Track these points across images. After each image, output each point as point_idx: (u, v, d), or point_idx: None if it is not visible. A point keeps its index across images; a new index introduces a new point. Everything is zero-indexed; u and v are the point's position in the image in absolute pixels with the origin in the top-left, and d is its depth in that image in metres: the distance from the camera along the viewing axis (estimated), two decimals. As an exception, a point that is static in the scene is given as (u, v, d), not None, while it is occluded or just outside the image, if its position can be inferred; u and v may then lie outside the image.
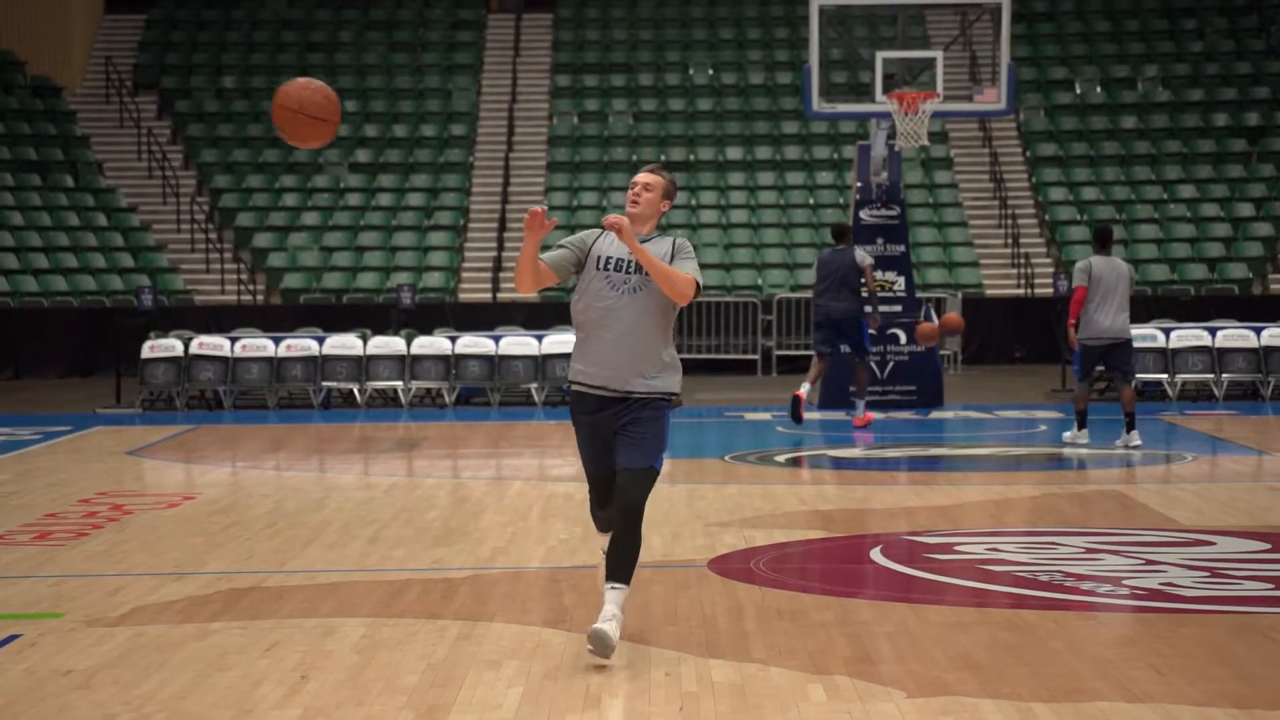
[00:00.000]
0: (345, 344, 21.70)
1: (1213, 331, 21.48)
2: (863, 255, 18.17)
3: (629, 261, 7.30)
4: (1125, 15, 36.40)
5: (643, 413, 7.27)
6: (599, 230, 7.43)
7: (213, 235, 30.89)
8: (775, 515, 11.36)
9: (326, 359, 21.52)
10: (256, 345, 21.62)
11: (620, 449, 7.27)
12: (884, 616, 8.07)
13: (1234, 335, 21.39)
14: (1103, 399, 21.64)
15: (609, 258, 7.34)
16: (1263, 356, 21.20)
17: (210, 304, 28.93)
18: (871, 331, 18.67)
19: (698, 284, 7.21)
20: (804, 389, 17.83)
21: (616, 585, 7.18)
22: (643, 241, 7.30)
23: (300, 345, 21.64)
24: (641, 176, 7.44)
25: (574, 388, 7.41)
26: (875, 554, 9.86)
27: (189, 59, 35.61)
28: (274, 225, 31.30)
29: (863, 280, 18.11)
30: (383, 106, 34.49)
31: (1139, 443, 15.62)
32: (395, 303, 25.88)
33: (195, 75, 35.13)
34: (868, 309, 18.19)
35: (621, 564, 7.20)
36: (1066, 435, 16.20)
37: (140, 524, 11.39)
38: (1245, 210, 31.52)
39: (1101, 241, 15.74)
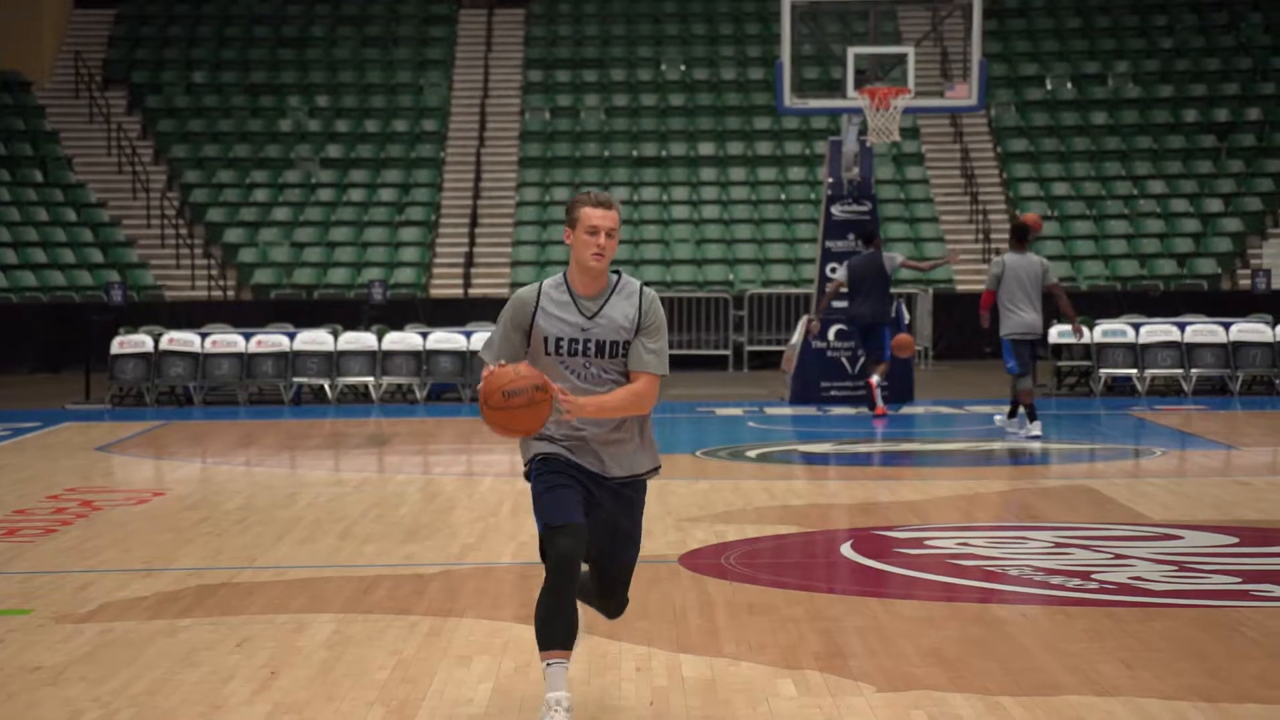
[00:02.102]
0: (316, 340, 21.65)
1: (1182, 326, 21.57)
2: (890, 258, 18.53)
3: (585, 343, 5.97)
4: (1096, 11, 36.50)
5: (626, 494, 6.11)
6: (532, 293, 6.05)
7: (183, 231, 30.79)
8: (746, 510, 11.37)
9: (297, 355, 21.47)
10: (227, 341, 21.56)
11: (610, 538, 6.11)
12: (854, 611, 8.08)
13: (1203, 330, 21.47)
14: (1073, 394, 21.71)
15: (560, 338, 5.98)
16: (1231, 351, 21.29)
17: (180, 300, 28.82)
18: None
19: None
20: (875, 379, 18.24)
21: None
22: (601, 294, 6.01)
23: (271, 341, 21.58)
24: (604, 220, 5.96)
25: (545, 456, 6.07)
26: (846, 549, 9.87)
27: (159, 54, 35.47)
28: (245, 221, 31.21)
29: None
30: (354, 102, 34.41)
31: (1038, 433, 16.03)
32: (366, 298, 25.85)
33: (165, 70, 34.99)
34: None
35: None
36: (1023, 431, 16.25)
37: (109, 520, 11.35)
38: (1214, 206, 31.65)
39: (1018, 237, 16.15)
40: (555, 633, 5.88)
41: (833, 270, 19.69)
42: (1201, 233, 31.02)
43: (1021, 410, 16.28)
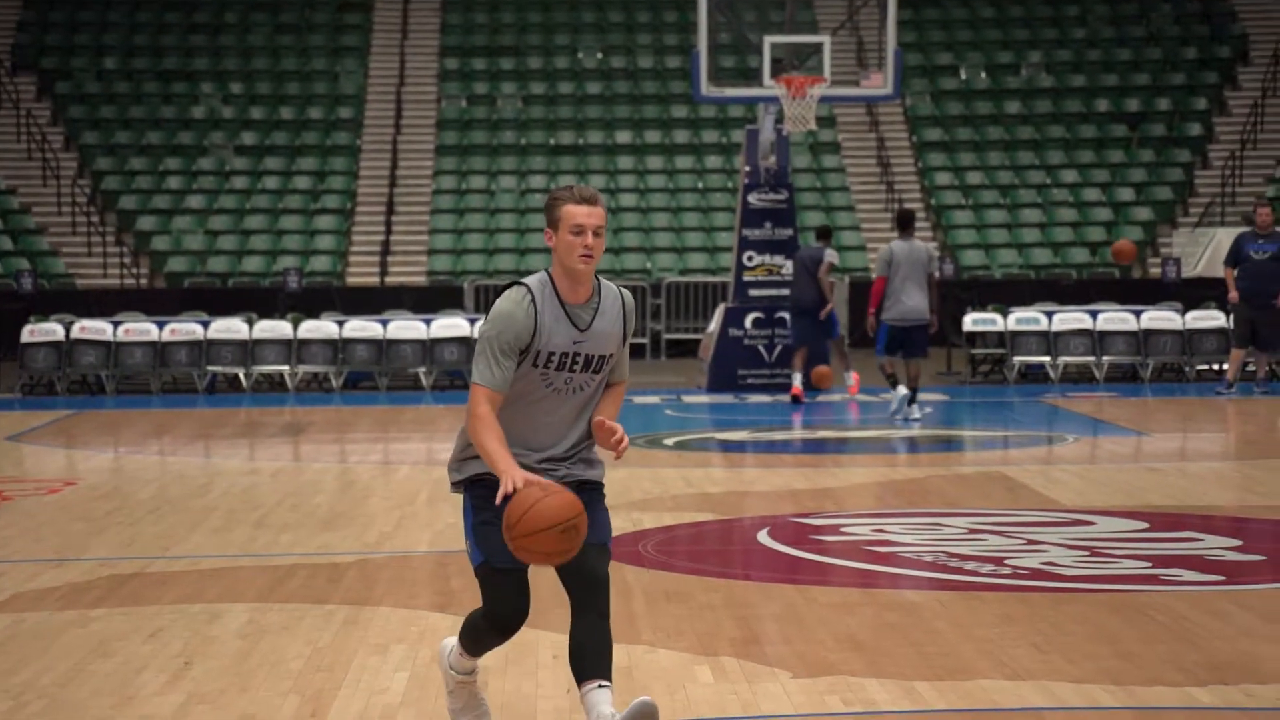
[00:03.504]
0: (230, 328, 21.48)
1: (1094, 314, 21.79)
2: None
3: (575, 356, 5.44)
4: (1009, 2, 36.77)
5: (578, 474, 5.59)
6: (525, 308, 5.39)
7: (95, 218, 30.44)
8: (663, 498, 11.39)
9: (211, 343, 21.30)
10: (140, 329, 21.36)
11: None
12: (771, 598, 8.12)
13: (1114, 318, 21.71)
14: (988, 381, 21.89)
15: (552, 353, 5.42)
16: (1142, 339, 21.53)
17: (92, 288, 28.51)
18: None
19: None
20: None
21: (605, 684, 5.38)
22: (590, 303, 5.49)
23: (184, 329, 21.40)
24: (590, 217, 5.40)
25: (475, 479, 5.54)
26: (762, 536, 9.91)
27: (69, 39, 35.02)
28: (158, 208, 30.91)
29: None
30: (268, 89, 34.14)
31: (919, 416, 16.52)
32: (282, 286, 25.67)
33: (76, 56, 34.56)
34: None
35: (605, 655, 5.43)
36: (906, 412, 16.66)
37: (20, 510, 11.22)
38: (1126, 195, 31.99)
39: (903, 225, 16.88)
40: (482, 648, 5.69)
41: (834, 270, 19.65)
42: (1113, 221, 31.34)
43: (907, 396, 16.72)
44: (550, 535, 5.14)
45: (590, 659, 5.35)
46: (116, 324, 21.43)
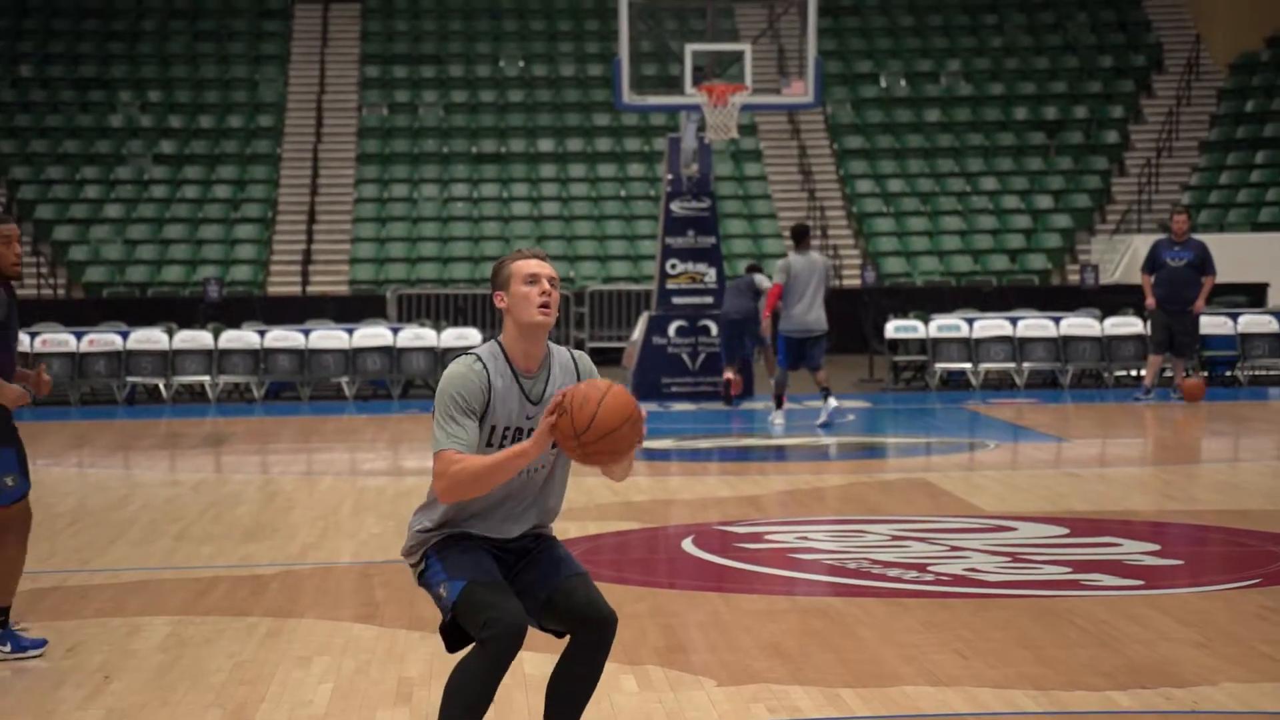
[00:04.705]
0: (150, 338, 21.30)
1: (1014, 321, 21.96)
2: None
3: (526, 432, 5.10)
4: (928, 10, 37.05)
5: (546, 544, 5.32)
6: (478, 374, 5.03)
7: (11, 228, 30.11)
8: (588, 507, 11.38)
9: (131, 354, 21.11)
10: (57, 340, 21.14)
11: (546, 567, 5.22)
12: (696, 606, 8.13)
13: (1034, 325, 21.88)
14: (910, 388, 22.02)
15: (507, 428, 5.08)
16: (1061, 346, 21.72)
17: (9, 298, 28.18)
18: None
19: None
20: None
21: None
22: (541, 371, 5.16)
23: (103, 340, 21.20)
24: (543, 267, 5.11)
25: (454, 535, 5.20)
26: (687, 544, 9.93)
27: (-15, 47, 34.67)
28: (75, 218, 30.62)
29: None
30: (187, 97, 33.88)
31: (834, 405, 16.81)
32: (202, 296, 25.47)
33: (-9, 63, 34.21)
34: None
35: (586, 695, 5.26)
36: (772, 416, 17.14)
37: (-64, 525, 11.07)
38: (1045, 202, 32.28)
39: (798, 239, 17.10)
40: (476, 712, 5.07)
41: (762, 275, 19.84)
42: (1032, 229, 31.63)
43: (822, 396, 17.11)
44: (625, 430, 4.86)
45: (578, 706, 5.22)
46: (34, 335, 21.19)
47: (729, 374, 19.57)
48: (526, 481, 5.14)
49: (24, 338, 21.07)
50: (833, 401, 17.07)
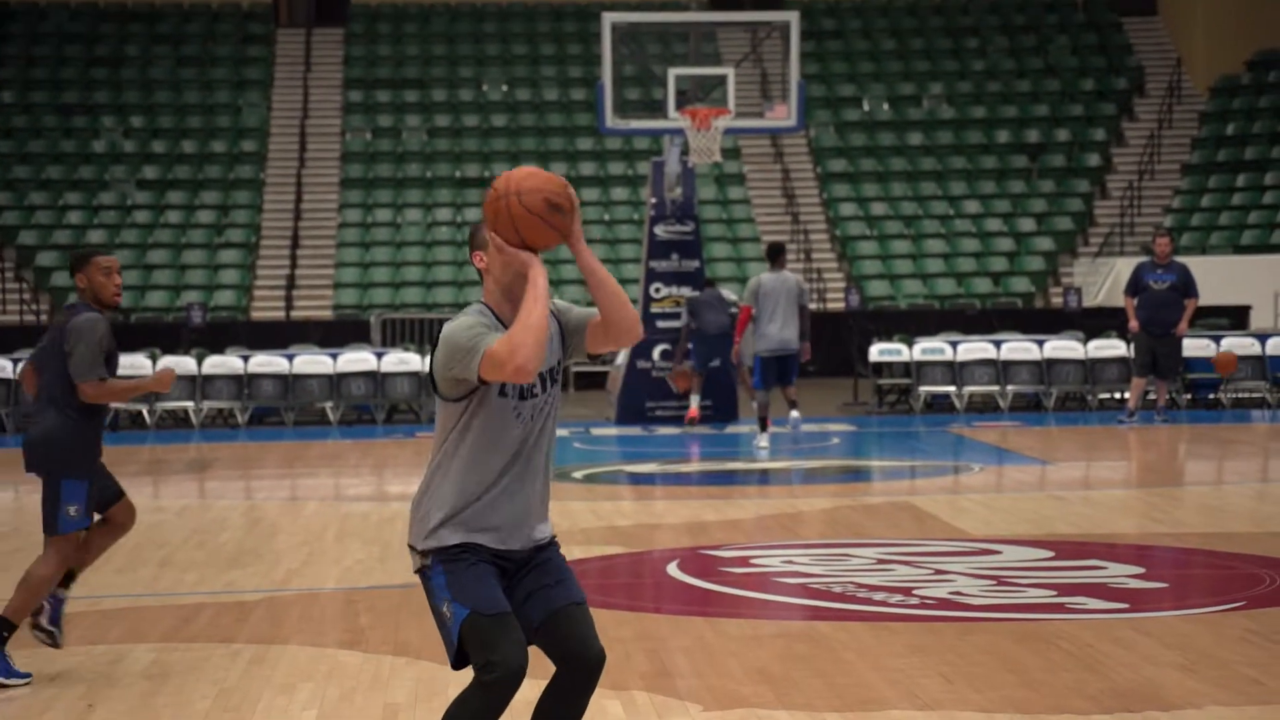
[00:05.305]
0: (133, 364, 21.20)
1: (998, 344, 22.00)
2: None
3: (542, 373, 4.99)
4: (910, 34, 37.16)
5: (549, 553, 5.17)
6: (485, 319, 4.95)
7: (-6, 253, 30.07)
8: (572, 532, 11.37)
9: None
10: (40, 366, 21.06)
11: (548, 582, 5.09)
12: (681, 631, 8.12)
13: (1018, 348, 21.92)
14: (894, 411, 22.04)
15: None
16: (1045, 368, 21.76)
17: (-8, 324, 28.14)
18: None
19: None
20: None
21: None
22: None
23: (86, 366, 21.11)
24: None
25: (463, 545, 5.00)
26: (672, 569, 9.92)
27: (-33, 72, 34.65)
28: (58, 244, 30.57)
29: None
30: (170, 122, 33.88)
31: (765, 445, 16.71)
32: (185, 321, 25.43)
33: (-26, 89, 34.18)
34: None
35: None
36: (756, 441, 17.05)
37: (-82, 552, 11.03)
38: (1027, 225, 32.36)
39: (772, 258, 17.26)
40: None
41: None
42: (1015, 252, 31.70)
43: (791, 412, 17.49)
44: (556, 186, 4.89)
45: None
46: (15, 361, 21.13)
47: (680, 371, 19.56)
48: (524, 438, 4.97)
49: (6, 364, 21.03)
50: (796, 413, 17.42)
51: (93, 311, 7.51)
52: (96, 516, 7.54)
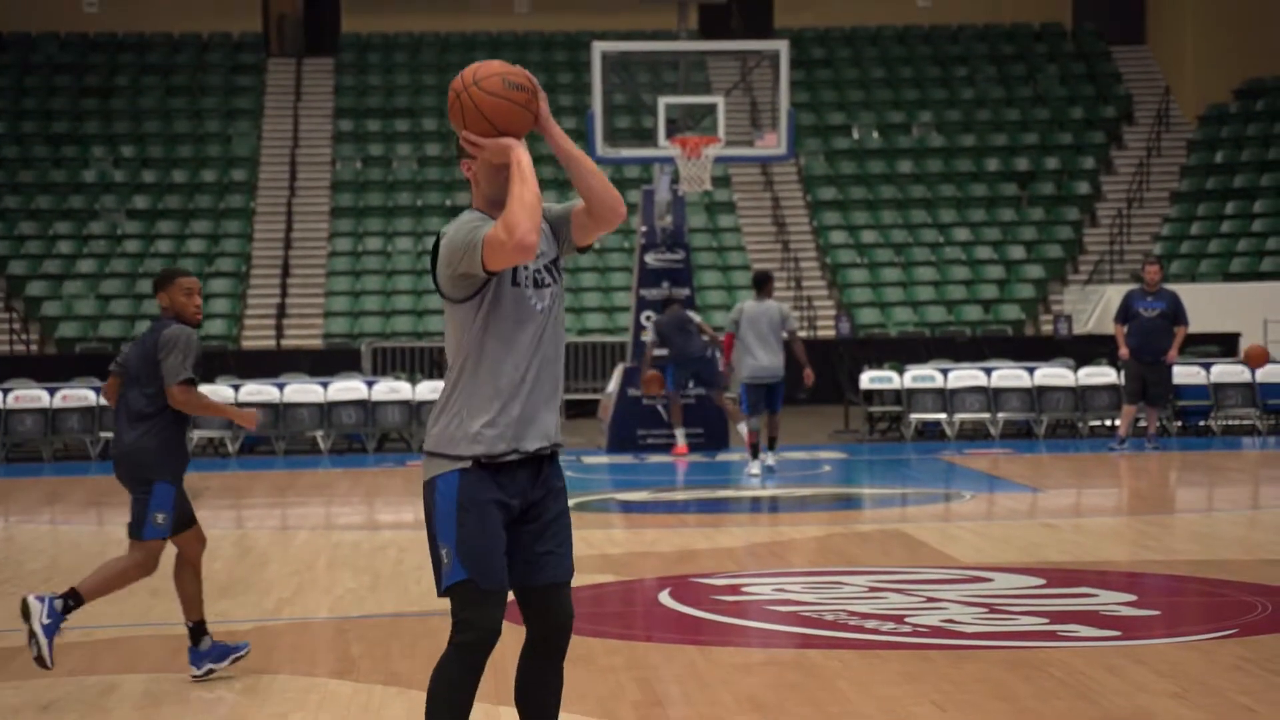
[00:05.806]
0: (124, 393, 21.20)
1: (988, 372, 22.02)
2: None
3: (538, 270, 5.08)
4: (899, 63, 37.27)
5: (556, 484, 5.29)
6: (481, 218, 5.05)
7: (-16, 283, 30.05)
8: (564, 560, 11.34)
9: (104, 410, 21.02)
10: (30, 396, 21.06)
11: (542, 554, 5.16)
12: (672, 659, 8.11)
13: (1008, 375, 21.94)
14: (885, 439, 22.04)
15: (525, 266, 5.04)
16: (1035, 396, 21.77)
17: (-19, 353, 28.10)
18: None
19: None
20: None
21: None
22: None
23: (76, 395, 21.12)
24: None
25: (476, 460, 4.98)
26: (663, 597, 9.90)
27: (-42, 102, 34.66)
28: (48, 273, 30.56)
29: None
30: (160, 152, 33.90)
31: (757, 473, 16.91)
32: (175, 350, 25.38)
33: (-36, 119, 34.18)
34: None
35: (559, 702, 5.26)
36: (748, 469, 17.16)
37: (-92, 583, 11.00)
38: (1017, 253, 32.42)
39: (758, 286, 17.24)
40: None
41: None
42: (1005, 279, 31.75)
43: (766, 449, 17.32)
44: (499, 76, 5.10)
45: (551, 709, 5.16)
46: (6, 391, 21.11)
47: (652, 376, 19.57)
48: (542, 330, 4.99)
49: (-3, 393, 21.00)
50: (769, 457, 17.20)
51: (181, 324, 8.02)
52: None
